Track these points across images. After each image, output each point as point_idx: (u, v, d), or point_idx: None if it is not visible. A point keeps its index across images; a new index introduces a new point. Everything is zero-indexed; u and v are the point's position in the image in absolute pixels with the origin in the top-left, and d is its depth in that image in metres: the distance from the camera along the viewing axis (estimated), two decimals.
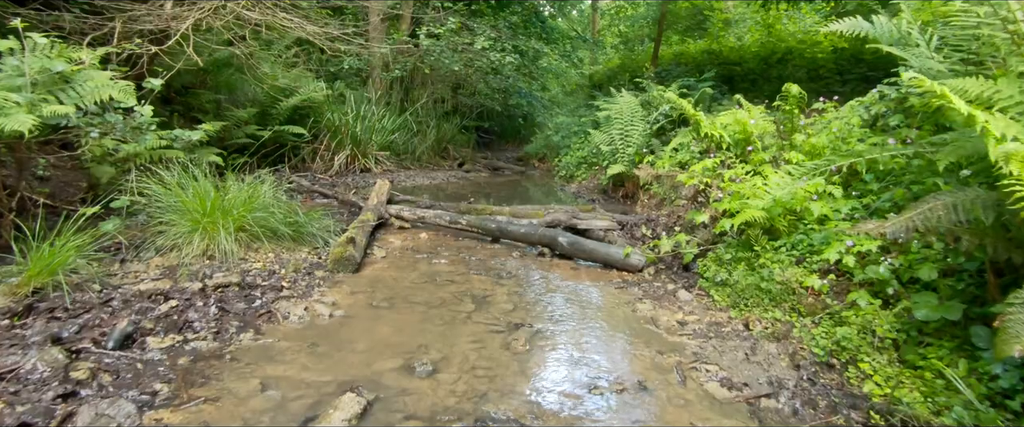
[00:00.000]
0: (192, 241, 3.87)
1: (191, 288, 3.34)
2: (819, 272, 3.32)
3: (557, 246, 4.83)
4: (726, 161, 4.35)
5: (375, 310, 3.39)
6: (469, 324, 3.26)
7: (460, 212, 5.91)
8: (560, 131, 11.21)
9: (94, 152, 4.76)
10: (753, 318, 3.32)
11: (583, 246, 4.69)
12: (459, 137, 12.09)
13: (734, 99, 4.81)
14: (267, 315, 3.15)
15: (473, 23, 10.05)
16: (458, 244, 5.18)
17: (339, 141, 8.79)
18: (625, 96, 7.28)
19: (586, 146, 9.40)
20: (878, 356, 2.62)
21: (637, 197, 7.13)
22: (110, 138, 4.52)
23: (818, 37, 11.02)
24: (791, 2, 10.82)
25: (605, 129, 7.41)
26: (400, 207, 5.80)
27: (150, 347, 2.63)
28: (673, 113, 6.94)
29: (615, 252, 4.52)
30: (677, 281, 4.28)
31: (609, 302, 3.80)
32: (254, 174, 4.59)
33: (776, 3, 10.56)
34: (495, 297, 3.76)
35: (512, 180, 10.35)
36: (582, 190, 8.37)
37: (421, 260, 4.58)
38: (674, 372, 2.77)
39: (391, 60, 10.10)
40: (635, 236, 5.53)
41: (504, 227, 5.17)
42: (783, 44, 11.06)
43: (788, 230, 3.69)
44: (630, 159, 6.77)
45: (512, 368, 2.73)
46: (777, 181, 3.42)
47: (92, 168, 4.93)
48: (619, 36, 16.11)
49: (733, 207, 3.87)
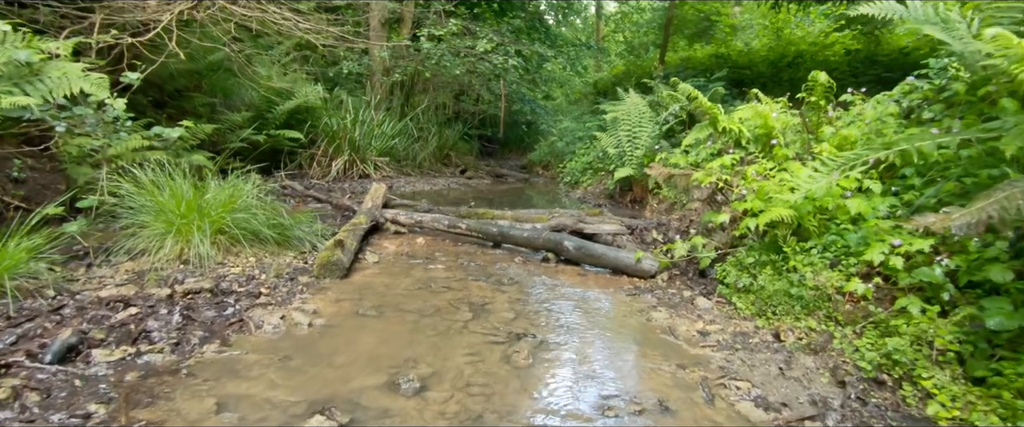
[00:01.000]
0: (165, 244, 3.52)
1: (157, 294, 2.99)
2: (858, 276, 2.94)
3: (562, 251, 4.47)
4: (746, 158, 3.99)
5: (361, 319, 3.02)
6: (465, 334, 2.89)
7: (460, 216, 5.56)
8: (564, 137, 10.88)
9: (70, 152, 4.46)
10: (784, 327, 2.93)
11: (591, 251, 4.32)
12: (461, 144, 11.77)
13: (751, 94, 4.46)
14: (238, 324, 2.79)
15: (475, 27, 9.77)
16: (457, 249, 4.83)
17: (337, 146, 8.48)
18: (632, 97, 6.94)
19: (591, 151, 9.06)
20: (939, 372, 2.23)
21: (646, 201, 6.76)
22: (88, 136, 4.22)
23: (830, 39, 10.71)
24: (801, 3, 10.51)
25: (612, 132, 7.06)
26: (396, 211, 5.46)
27: (95, 360, 2.27)
28: (682, 113, 6.60)
29: (625, 257, 4.15)
30: (693, 287, 3.90)
31: (620, 310, 3.43)
32: (236, 174, 4.25)
33: (787, 3, 10.23)
34: (495, 305, 3.39)
35: (515, 187, 10.01)
36: (588, 196, 8.01)
37: (416, 266, 4.22)
38: (699, 389, 2.38)
39: (391, 64, 9.82)
40: (645, 241, 5.15)
41: (506, 231, 4.81)
42: (793, 47, 10.74)
43: (818, 230, 3.31)
44: (638, 162, 6.42)
45: (512, 385, 2.35)
46: (807, 176, 3.05)
47: (69, 169, 4.63)
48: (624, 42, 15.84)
49: (755, 206, 3.50)
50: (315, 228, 4.61)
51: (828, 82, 3.63)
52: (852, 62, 9.44)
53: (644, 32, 14.45)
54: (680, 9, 12.45)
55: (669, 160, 4.66)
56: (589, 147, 9.36)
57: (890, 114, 3.64)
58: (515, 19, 10.90)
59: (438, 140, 10.76)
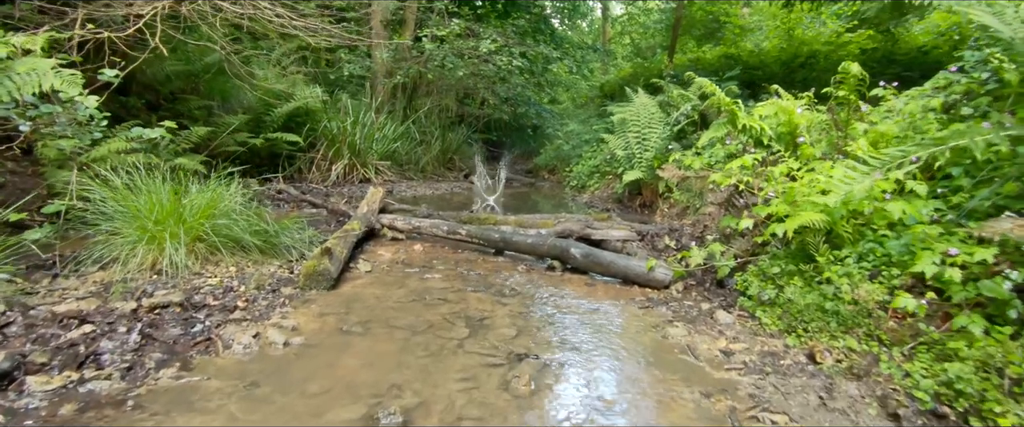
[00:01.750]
0: (137, 252, 3.22)
1: (121, 309, 2.68)
2: (904, 289, 2.58)
3: (569, 259, 4.13)
4: (767, 158, 3.64)
5: (344, 337, 2.70)
6: (460, 355, 2.56)
7: (460, 222, 5.23)
8: (571, 140, 10.54)
9: (48, 155, 4.19)
10: (819, 347, 2.58)
11: (599, 259, 3.98)
12: (466, 148, 11.47)
13: (771, 90, 4.12)
14: (205, 344, 2.47)
15: (478, 28, 9.47)
16: (456, 257, 4.50)
17: (337, 150, 8.19)
18: (641, 97, 6.60)
19: (598, 155, 8.72)
20: (1015, 405, 1.88)
21: (656, 206, 6.41)
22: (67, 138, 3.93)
23: (843, 39, 10.32)
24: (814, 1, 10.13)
25: (620, 134, 6.73)
26: (393, 217, 5.14)
27: (29, 389, 1.96)
28: (694, 113, 6.25)
29: (636, 265, 3.81)
30: (712, 299, 3.55)
31: (633, 325, 3.08)
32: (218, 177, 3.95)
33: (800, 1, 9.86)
34: (495, 320, 3.05)
35: (520, 191, 9.67)
36: (595, 200, 7.67)
37: (411, 275, 3.89)
38: (728, 423, 2.04)
39: (393, 66, 9.53)
40: (657, 247, 4.80)
41: (509, 238, 4.48)
42: (806, 47, 10.36)
43: (853, 237, 2.96)
44: (648, 164, 6.08)
45: (511, 418, 2.02)
46: (842, 177, 2.71)
47: (47, 173, 4.35)
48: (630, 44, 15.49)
49: (780, 210, 3.15)
50: (305, 234, 4.30)
51: (860, 74, 3.28)
52: (868, 61, 9.02)
53: (651, 34, 14.10)
54: (688, 10, 12.10)
55: (683, 162, 4.31)
56: (596, 150, 9.02)
57: (931, 108, 3.28)
58: (519, 20, 10.59)
59: (441, 144, 10.45)
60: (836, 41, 10.14)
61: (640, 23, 14.42)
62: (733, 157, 5.98)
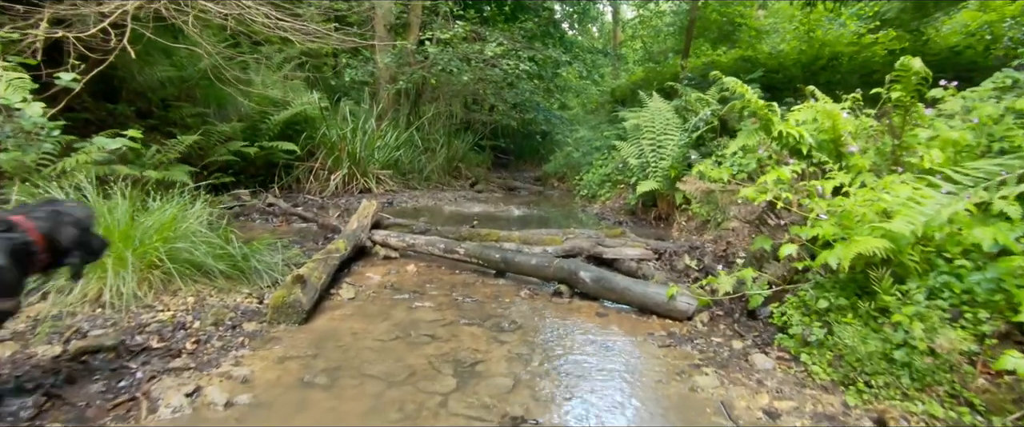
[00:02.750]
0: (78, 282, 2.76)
1: (40, 356, 2.22)
2: (995, 336, 2.03)
3: (578, 283, 3.61)
4: (807, 170, 3.10)
5: (304, 391, 2.20)
6: (442, 417, 2.05)
7: (459, 238, 4.74)
8: (581, 147, 10.02)
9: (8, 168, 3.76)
10: (892, 412, 2.03)
11: (612, 284, 3.46)
12: (472, 156, 10.98)
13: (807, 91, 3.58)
14: (128, 405, 1.99)
15: (484, 31, 9.00)
16: (453, 279, 4.00)
17: (336, 159, 7.74)
18: (656, 101, 6.07)
19: (610, 162, 8.18)
20: None
21: (672, 219, 5.87)
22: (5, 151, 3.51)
23: (866, 40, 9.71)
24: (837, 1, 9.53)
25: (633, 141, 6.20)
26: (387, 233, 4.66)
27: None
28: (713, 119, 5.71)
29: (655, 293, 3.28)
30: (744, 335, 3.01)
31: (654, 371, 2.55)
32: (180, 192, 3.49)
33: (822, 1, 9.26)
34: (489, 364, 2.54)
35: (528, 199, 9.17)
36: (606, 211, 7.13)
37: (400, 303, 3.39)
38: None
39: (396, 71, 9.09)
40: (676, 268, 4.27)
41: (510, 258, 3.97)
42: (828, 49, 9.76)
43: (921, 267, 2.41)
44: (664, 174, 5.54)
45: None
46: (915, 195, 2.17)
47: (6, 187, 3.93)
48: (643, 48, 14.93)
49: (827, 232, 2.61)
50: (286, 255, 3.84)
51: (923, 72, 2.74)
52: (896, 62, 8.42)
53: (663, 37, 13.55)
54: (702, 12, 11.54)
55: (708, 173, 3.78)
56: (607, 158, 8.49)
57: (1015, 110, 2.72)
58: (527, 22, 10.11)
59: (447, 152, 9.98)
60: (860, 42, 9.52)
61: (652, 26, 13.89)
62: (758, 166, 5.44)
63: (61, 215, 1.95)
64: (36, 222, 1.88)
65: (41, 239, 1.87)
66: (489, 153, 12.22)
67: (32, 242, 1.83)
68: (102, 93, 6.69)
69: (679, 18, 12.94)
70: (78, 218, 2.00)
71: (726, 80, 3.12)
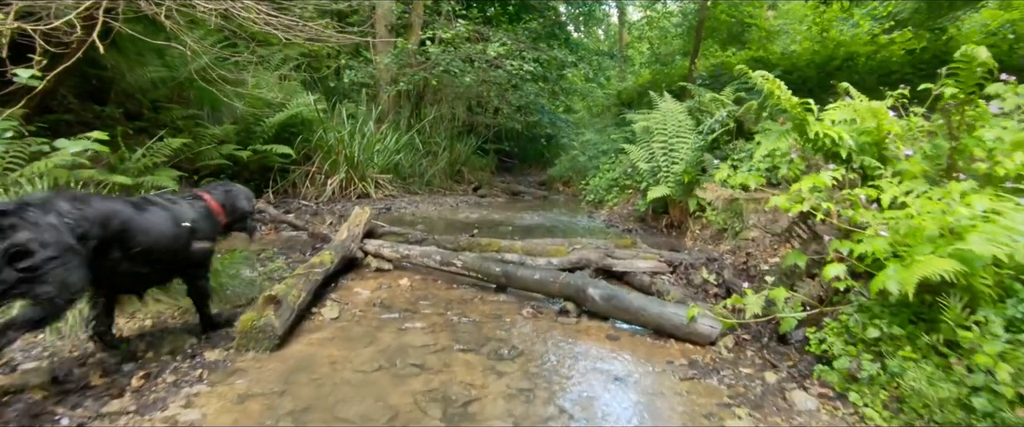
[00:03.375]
0: None
1: None
2: None
3: (586, 301, 3.22)
4: (846, 176, 2.70)
5: None
6: None
7: (458, 248, 4.37)
8: (587, 151, 9.63)
9: None
10: None
11: (625, 303, 3.06)
12: (475, 159, 10.61)
13: (841, 88, 3.18)
14: None
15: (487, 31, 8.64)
16: (449, 294, 3.62)
17: (333, 163, 7.39)
18: (668, 102, 5.67)
19: (617, 166, 7.79)
20: None
21: (685, 227, 5.47)
22: None
23: (881, 40, 9.28)
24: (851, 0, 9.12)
25: (643, 144, 5.81)
26: (381, 243, 4.29)
27: None
28: (729, 120, 5.31)
29: (673, 314, 2.89)
30: (776, 364, 2.61)
31: (677, 411, 2.16)
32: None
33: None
34: (485, 402, 2.16)
35: (532, 205, 8.79)
36: (614, 218, 6.73)
37: (388, 324, 3.02)
38: None
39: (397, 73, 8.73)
40: (693, 283, 3.88)
41: (512, 272, 3.59)
42: (842, 49, 9.33)
43: (995, 293, 2.01)
44: (677, 179, 5.14)
45: None
46: (994, 207, 1.77)
47: None
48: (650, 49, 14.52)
49: (878, 249, 2.21)
50: (269, 268, 3.48)
51: (989, 63, 2.34)
52: (916, 63, 8.01)
53: (671, 38, 13.15)
54: (711, 12, 11.13)
55: (731, 180, 3.39)
56: (614, 162, 8.10)
57: None
58: (532, 22, 9.73)
59: (449, 155, 9.63)
60: (877, 41, 9.10)
61: (659, 27, 13.49)
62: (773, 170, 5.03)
63: (231, 193, 2.82)
64: (214, 196, 2.72)
65: (219, 208, 2.71)
66: (493, 156, 11.86)
67: (214, 209, 2.67)
68: (89, 94, 6.37)
69: (687, 19, 12.53)
70: (245, 195, 2.88)
71: (754, 75, 2.72)
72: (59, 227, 1.79)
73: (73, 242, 1.82)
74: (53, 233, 1.76)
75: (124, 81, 6.78)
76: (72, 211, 1.86)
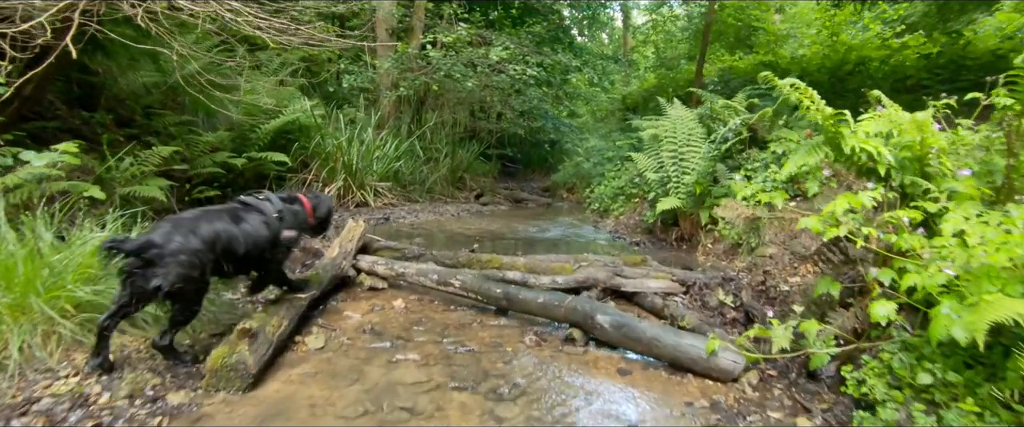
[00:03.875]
0: None
1: None
2: None
3: (594, 328, 2.94)
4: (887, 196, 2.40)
5: None
6: None
7: (457, 265, 4.08)
8: (591, 157, 9.35)
9: None
10: None
11: (637, 333, 2.77)
12: (478, 165, 10.33)
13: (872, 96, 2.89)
14: None
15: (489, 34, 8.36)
16: (446, 318, 3.34)
17: (330, 170, 7.12)
18: (678, 109, 5.38)
19: (623, 174, 7.50)
20: None
21: (696, 240, 5.16)
22: None
23: (892, 44, 8.97)
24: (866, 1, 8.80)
25: (651, 152, 5.51)
26: (375, 259, 4.01)
27: None
28: (742, 129, 5.01)
29: (691, 346, 2.60)
30: (809, 406, 2.32)
31: None
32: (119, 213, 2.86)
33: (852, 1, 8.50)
34: None
35: (536, 212, 8.50)
36: (621, 228, 6.44)
37: (378, 355, 2.74)
38: None
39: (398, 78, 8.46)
40: (708, 305, 3.58)
41: (513, 295, 3.30)
42: (854, 53, 9.02)
43: None
44: (688, 191, 4.85)
45: None
46: None
47: None
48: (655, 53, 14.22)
49: (930, 282, 1.92)
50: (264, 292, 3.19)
51: None
52: (932, 68, 7.69)
53: (676, 42, 12.85)
54: (718, 15, 10.84)
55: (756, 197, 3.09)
56: (620, 169, 7.81)
57: None
58: (535, 26, 9.45)
59: (451, 161, 9.34)
60: (890, 45, 8.78)
61: (665, 31, 13.19)
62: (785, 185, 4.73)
63: (319, 199, 3.16)
64: (308, 198, 3.09)
65: (310, 208, 3.06)
66: (496, 162, 11.58)
67: (306, 208, 3.04)
68: (78, 100, 6.12)
69: (693, 23, 12.24)
70: (327, 203, 3.22)
71: (781, 83, 2.43)
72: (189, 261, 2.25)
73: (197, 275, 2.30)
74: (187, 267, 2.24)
75: (116, 86, 6.54)
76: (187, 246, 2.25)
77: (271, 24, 4.52)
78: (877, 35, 10.42)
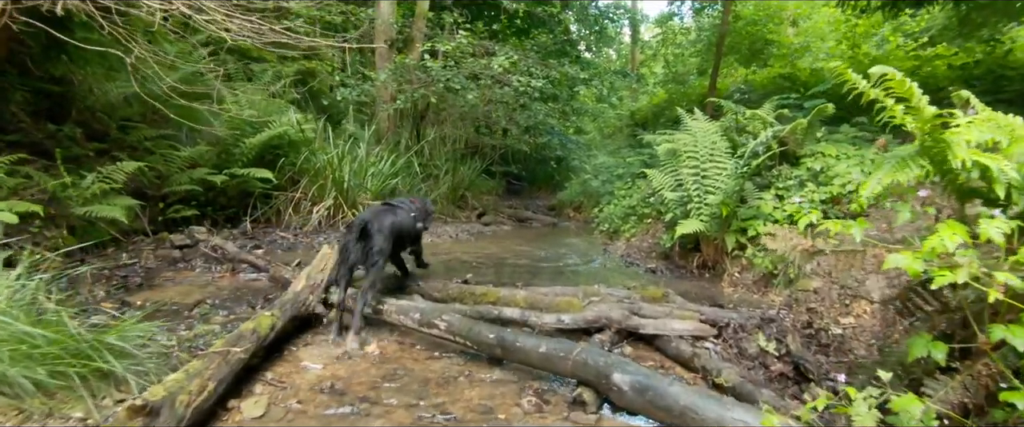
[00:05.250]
0: None
1: None
2: None
3: (610, 390, 2.28)
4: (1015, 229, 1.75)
5: None
6: None
7: (446, 299, 3.45)
8: (600, 174, 8.71)
9: None
10: None
11: (665, 400, 2.11)
12: (481, 182, 9.72)
13: (958, 97, 2.25)
14: None
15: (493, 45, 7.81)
16: (428, 369, 2.69)
17: (320, 187, 6.54)
18: (700, 121, 4.74)
19: (634, 193, 6.86)
20: None
21: (721, 267, 4.49)
22: None
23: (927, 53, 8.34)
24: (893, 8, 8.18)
25: (668, 168, 4.88)
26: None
27: None
28: (772, 143, 4.37)
29: (739, 422, 1.93)
30: None
31: None
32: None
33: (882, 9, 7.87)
34: None
35: (540, 233, 7.86)
36: (633, 252, 5.76)
37: (337, 422, 2.09)
38: None
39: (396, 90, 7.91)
40: (746, 353, 2.91)
41: (510, 342, 2.65)
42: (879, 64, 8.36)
43: None
44: (713, 212, 4.20)
45: None
46: None
47: None
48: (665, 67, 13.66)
49: None
50: (199, 330, 2.57)
51: None
52: (967, 78, 7.03)
53: (687, 56, 12.29)
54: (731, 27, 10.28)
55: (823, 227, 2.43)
56: (631, 187, 7.17)
57: None
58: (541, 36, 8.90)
59: (452, 179, 8.74)
60: (919, 56, 8.14)
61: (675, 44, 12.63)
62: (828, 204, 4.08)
63: (424, 201, 3.92)
64: (417, 200, 3.83)
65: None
66: (500, 180, 10.97)
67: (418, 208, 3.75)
68: (46, 112, 5.59)
69: (703, 36, 11.68)
70: (428, 205, 4.00)
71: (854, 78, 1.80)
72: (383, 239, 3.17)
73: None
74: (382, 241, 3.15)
75: (91, 97, 6.03)
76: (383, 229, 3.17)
77: (242, 25, 3.97)
78: (898, 47, 9.82)
